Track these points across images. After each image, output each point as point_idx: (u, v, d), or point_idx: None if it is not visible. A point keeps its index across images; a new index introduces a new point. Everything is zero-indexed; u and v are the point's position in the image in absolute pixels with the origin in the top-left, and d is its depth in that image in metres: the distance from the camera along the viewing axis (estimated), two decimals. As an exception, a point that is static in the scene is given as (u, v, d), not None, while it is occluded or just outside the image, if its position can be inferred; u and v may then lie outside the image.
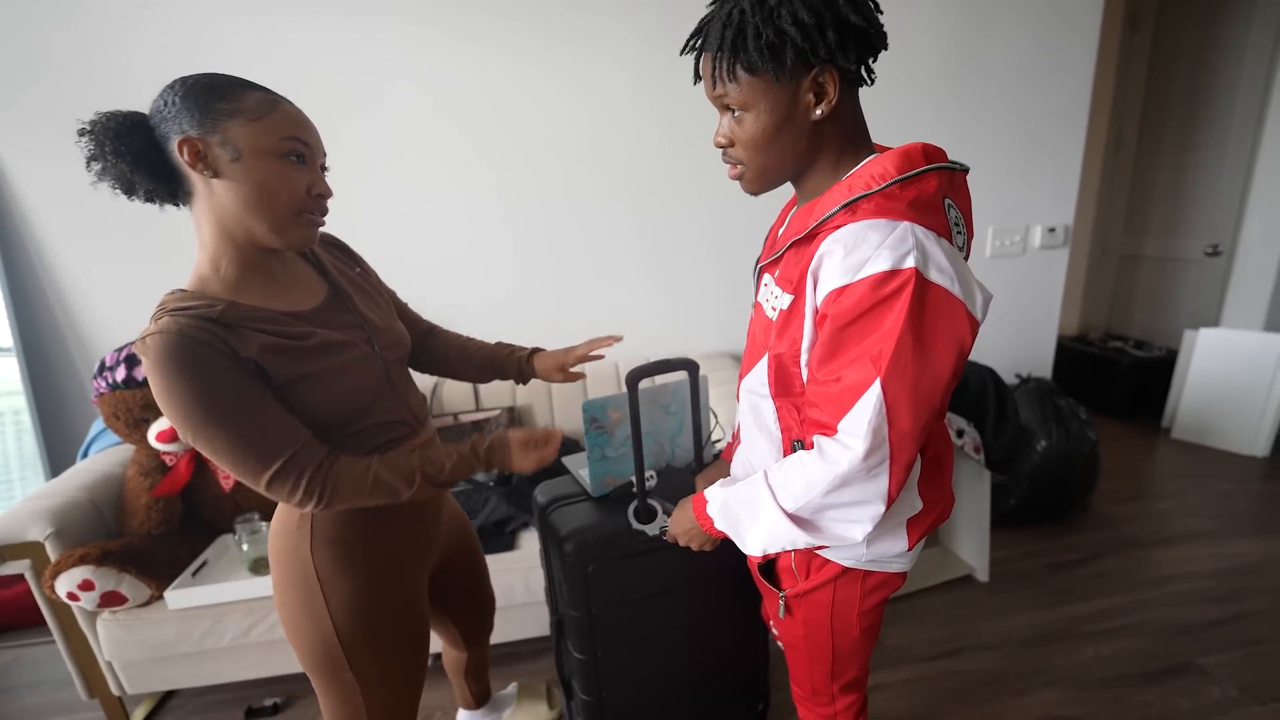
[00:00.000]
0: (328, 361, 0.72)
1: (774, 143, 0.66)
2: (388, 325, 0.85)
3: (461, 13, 1.74)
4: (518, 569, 1.43)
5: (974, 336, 0.61)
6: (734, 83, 0.64)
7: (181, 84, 0.67)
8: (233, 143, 0.66)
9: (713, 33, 0.64)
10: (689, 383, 1.01)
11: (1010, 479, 1.96)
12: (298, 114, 0.71)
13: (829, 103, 0.63)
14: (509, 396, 1.92)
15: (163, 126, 0.67)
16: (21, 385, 1.78)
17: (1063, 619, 1.63)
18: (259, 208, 0.69)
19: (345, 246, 0.93)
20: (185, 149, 0.66)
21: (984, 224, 2.21)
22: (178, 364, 0.62)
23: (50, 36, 1.61)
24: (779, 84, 0.62)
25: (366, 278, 0.90)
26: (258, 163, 0.67)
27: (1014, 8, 2.03)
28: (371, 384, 0.78)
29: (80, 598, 1.27)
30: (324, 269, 0.83)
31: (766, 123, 0.65)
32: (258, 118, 0.67)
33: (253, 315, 0.69)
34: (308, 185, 0.71)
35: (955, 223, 0.66)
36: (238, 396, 0.65)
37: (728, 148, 0.70)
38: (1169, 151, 3.03)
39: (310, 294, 0.79)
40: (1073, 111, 2.16)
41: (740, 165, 0.70)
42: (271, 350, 0.68)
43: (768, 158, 0.67)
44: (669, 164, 1.95)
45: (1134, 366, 2.89)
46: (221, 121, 0.66)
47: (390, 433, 0.81)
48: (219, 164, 0.67)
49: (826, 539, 0.67)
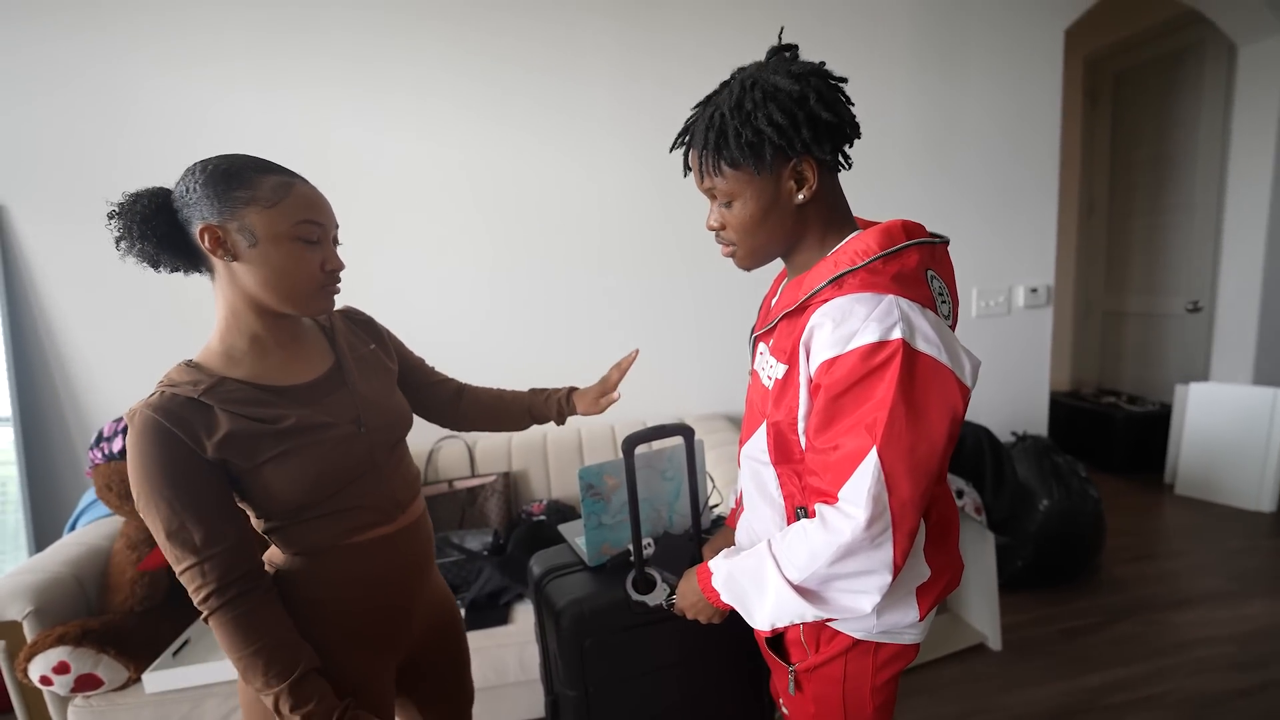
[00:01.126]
0: (298, 443, 0.73)
1: (761, 227, 0.71)
2: (385, 403, 0.85)
3: (465, 90, 1.87)
4: (511, 644, 1.38)
5: (965, 402, 0.63)
6: (720, 176, 0.69)
7: (202, 170, 0.70)
8: (250, 229, 0.69)
9: (697, 132, 0.70)
10: (685, 448, 1.01)
11: (1015, 540, 1.93)
12: (312, 194, 0.74)
13: (810, 188, 0.68)
14: (504, 462, 1.91)
15: (185, 211, 0.70)
16: (15, 455, 1.77)
17: (1083, 690, 1.56)
18: (277, 289, 0.72)
19: (369, 323, 0.95)
20: (206, 236, 0.69)
21: (968, 286, 2.28)
22: (143, 440, 0.66)
23: (66, 112, 1.71)
24: (760, 176, 0.68)
25: (378, 355, 0.90)
26: (274, 248, 0.70)
27: (984, 86, 2.19)
28: (351, 465, 0.77)
29: (54, 681, 1.21)
30: (335, 341, 0.85)
31: (753, 209, 0.70)
32: (273, 204, 0.70)
33: (236, 394, 0.71)
34: (321, 263, 0.74)
35: (939, 293, 0.69)
36: (186, 484, 0.67)
37: (720, 230, 0.74)
38: (1141, 213, 3.17)
39: (313, 366, 0.80)
40: (1044, 178, 2.29)
41: (732, 246, 0.74)
42: (238, 436, 0.69)
43: (756, 240, 0.72)
44: (662, 231, 2.04)
45: (1129, 421, 2.90)
46: (239, 209, 0.69)
47: (355, 519, 0.79)
48: (237, 249, 0.70)
49: (834, 611, 0.66)
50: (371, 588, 0.81)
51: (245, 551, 0.71)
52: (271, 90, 1.78)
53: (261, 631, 0.70)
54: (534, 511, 1.79)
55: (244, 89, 1.77)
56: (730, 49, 0.83)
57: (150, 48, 1.72)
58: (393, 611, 0.85)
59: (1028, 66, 2.21)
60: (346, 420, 0.78)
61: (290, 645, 0.72)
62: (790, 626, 0.78)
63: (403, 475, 0.87)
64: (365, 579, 0.81)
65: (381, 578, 0.82)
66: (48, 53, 1.68)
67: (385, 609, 0.84)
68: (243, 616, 0.69)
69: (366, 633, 0.82)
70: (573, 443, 1.95)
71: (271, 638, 0.70)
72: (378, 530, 0.81)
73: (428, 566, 0.92)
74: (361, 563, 0.80)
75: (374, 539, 0.81)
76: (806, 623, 0.75)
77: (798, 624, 0.75)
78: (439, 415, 1.05)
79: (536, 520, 1.73)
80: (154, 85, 1.73)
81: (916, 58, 2.13)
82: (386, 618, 0.85)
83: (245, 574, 0.70)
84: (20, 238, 1.74)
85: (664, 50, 1.96)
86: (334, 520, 0.77)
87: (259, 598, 0.71)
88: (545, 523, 1.70)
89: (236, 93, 1.77)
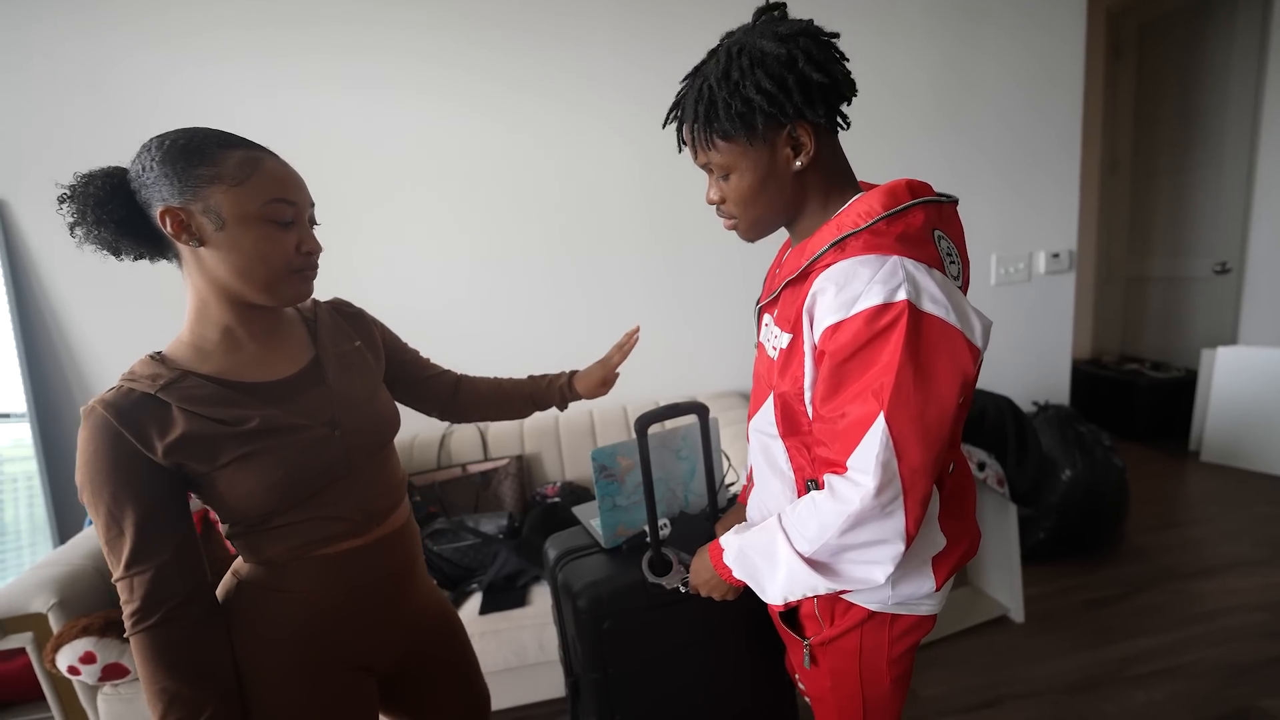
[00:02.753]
0: (263, 445, 0.67)
1: (760, 197, 0.69)
2: (365, 406, 0.78)
3: (463, 66, 1.82)
4: (530, 626, 1.38)
5: (976, 364, 0.61)
6: (713, 149, 0.68)
7: (159, 145, 0.63)
8: (215, 211, 0.63)
9: (687, 106, 0.68)
10: (699, 426, 0.99)
11: (1037, 511, 1.89)
12: (282, 170, 0.68)
13: (807, 153, 0.66)
14: (517, 445, 1.90)
15: (143, 192, 0.64)
16: (34, 450, 1.79)
17: (1108, 661, 1.54)
18: (248, 274, 0.66)
19: (359, 316, 0.89)
20: (168, 219, 0.63)
21: (986, 252, 2.21)
22: (91, 438, 0.62)
23: (69, 104, 1.69)
24: (755, 146, 0.66)
25: (363, 353, 0.84)
26: (243, 230, 0.64)
27: (1002, 41, 2.09)
28: (320, 471, 0.71)
29: (81, 671, 1.23)
30: (317, 335, 0.79)
31: (751, 180, 0.68)
32: (239, 182, 0.64)
33: (198, 391, 0.66)
34: (296, 244, 0.68)
35: (947, 253, 0.66)
36: (128, 490, 0.62)
37: (720, 204, 0.73)
38: (1166, 173, 3.06)
39: (291, 361, 0.75)
40: (1066, 138, 2.20)
41: (734, 219, 0.73)
42: (194, 438, 0.64)
43: (756, 210, 0.70)
44: (668, 205, 1.98)
45: (1153, 388, 2.84)
46: (202, 188, 0.63)
47: (324, 530, 0.72)
48: (204, 233, 0.64)
49: (847, 583, 0.65)
50: (340, 602, 0.75)
51: (181, 572, 0.64)
52: (271, 75, 1.74)
53: (175, 670, 0.63)
54: (548, 494, 1.78)
55: (243, 76, 1.73)
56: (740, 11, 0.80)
57: (147, 37, 1.68)
58: (366, 626, 0.78)
59: (1048, 19, 2.10)
60: (319, 422, 0.72)
61: (201, 695, 0.64)
62: (804, 600, 0.77)
63: (383, 483, 0.79)
64: (334, 593, 0.74)
65: (352, 591, 0.76)
66: (45, 46, 1.65)
67: (357, 624, 0.77)
68: (161, 647, 0.63)
69: (336, 649, 0.75)
70: (585, 424, 1.93)
71: (183, 680, 0.63)
72: (349, 542, 0.75)
73: (409, 577, 0.84)
74: (329, 576, 0.73)
75: (345, 551, 0.74)
76: (820, 596, 0.74)
77: (811, 597, 0.74)
78: (438, 409, 1.01)
79: (551, 502, 1.73)
80: (152, 75, 1.70)
81: (929, 10, 2.03)
82: (358, 633, 0.78)
83: (177, 597, 0.63)
84: (23, 233, 1.74)
85: (668, 15, 1.88)
86: (301, 530, 0.71)
87: (186, 628, 0.64)
88: (560, 505, 1.70)
89: (234, 77, 1.73)
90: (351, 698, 0.77)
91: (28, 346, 1.78)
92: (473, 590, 1.49)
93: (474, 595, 1.48)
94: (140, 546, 0.62)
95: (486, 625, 1.37)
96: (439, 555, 1.53)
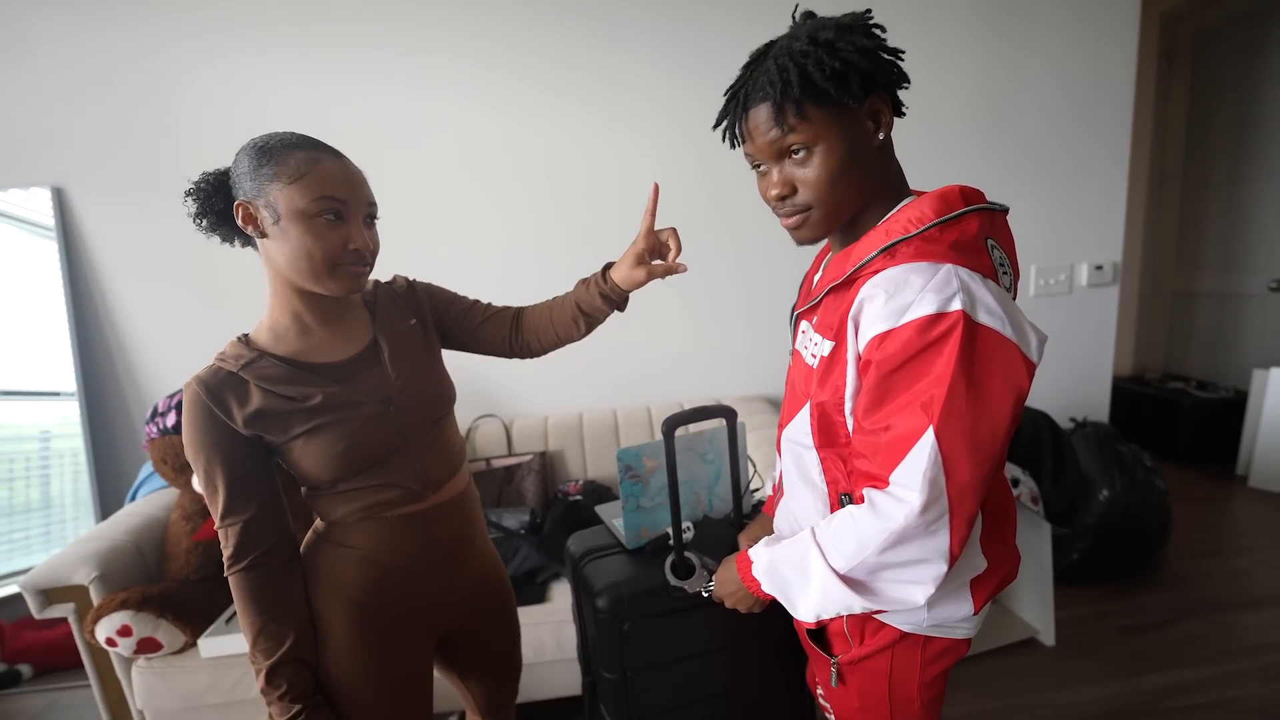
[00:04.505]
0: (325, 420, 0.75)
1: (848, 173, 0.63)
2: (420, 382, 0.84)
3: (500, 60, 1.84)
4: (548, 623, 1.38)
5: (1031, 379, 0.58)
6: (802, 120, 0.61)
7: (245, 148, 0.73)
8: (274, 205, 0.70)
9: (761, 84, 0.62)
10: (726, 430, 0.98)
11: (1072, 531, 1.83)
12: (338, 170, 0.73)
13: (887, 125, 0.64)
14: (541, 442, 1.91)
15: (233, 189, 0.74)
16: (80, 427, 1.87)
17: (1143, 692, 1.48)
18: (297, 265, 0.72)
19: (409, 292, 0.92)
20: (240, 212, 0.72)
21: (1026, 263, 2.15)
22: (188, 409, 0.73)
23: (123, 96, 1.75)
24: (845, 114, 0.62)
25: (418, 331, 0.88)
26: (293, 224, 0.71)
27: (1049, 44, 2.02)
28: (378, 443, 0.78)
29: (118, 643, 1.28)
30: (376, 317, 0.85)
31: (841, 152, 0.62)
32: (295, 180, 0.70)
33: (271, 371, 0.75)
34: (344, 241, 0.73)
35: (1000, 263, 0.64)
36: (218, 454, 0.72)
37: (789, 195, 0.66)
38: (1219, 184, 2.93)
39: (353, 343, 0.82)
40: (1114, 146, 2.12)
41: (806, 210, 0.66)
42: (268, 413, 0.73)
43: (840, 191, 0.64)
44: (703, 208, 1.97)
45: (1198, 409, 2.72)
46: (265, 185, 0.70)
47: (383, 495, 0.80)
48: (264, 225, 0.72)
49: (884, 602, 0.62)
50: (401, 561, 0.83)
51: (267, 525, 0.75)
52: (316, 71, 1.79)
53: (263, 607, 0.74)
54: (570, 491, 1.79)
55: (291, 71, 1.78)
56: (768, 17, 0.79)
57: (200, 35, 1.74)
58: (424, 584, 0.86)
59: (1098, 22, 2.03)
60: (376, 399, 0.79)
61: (284, 628, 0.75)
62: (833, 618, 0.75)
63: (439, 453, 0.86)
64: (394, 553, 0.82)
65: (411, 552, 0.84)
66: (102, 41, 1.72)
67: (416, 581, 0.85)
68: (250, 588, 0.74)
69: (396, 603, 0.83)
70: (608, 424, 1.93)
71: (269, 616, 0.75)
72: (408, 507, 0.82)
73: (467, 543, 0.92)
74: (390, 537, 0.82)
75: (404, 515, 0.82)
76: (852, 614, 0.72)
77: (843, 615, 0.71)
78: (504, 347, 0.98)
79: (573, 500, 1.73)
80: (206, 70, 1.76)
81: (976, 10, 1.97)
82: (416, 589, 0.85)
83: (262, 547, 0.74)
84: (80, 219, 1.81)
85: (706, 19, 1.87)
86: (363, 495, 0.79)
87: (270, 573, 0.75)
88: (582, 503, 1.70)
89: (283, 73, 1.78)
90: (407, 647, 0.86)
91: (79, 328, 1.86)
92: (493, 584, 1.50)
93: (494, 589, 1.49)
94: (230, 503, 0.73)
95: (506, 619, 1.38)
96: (461, 548, 1.55)
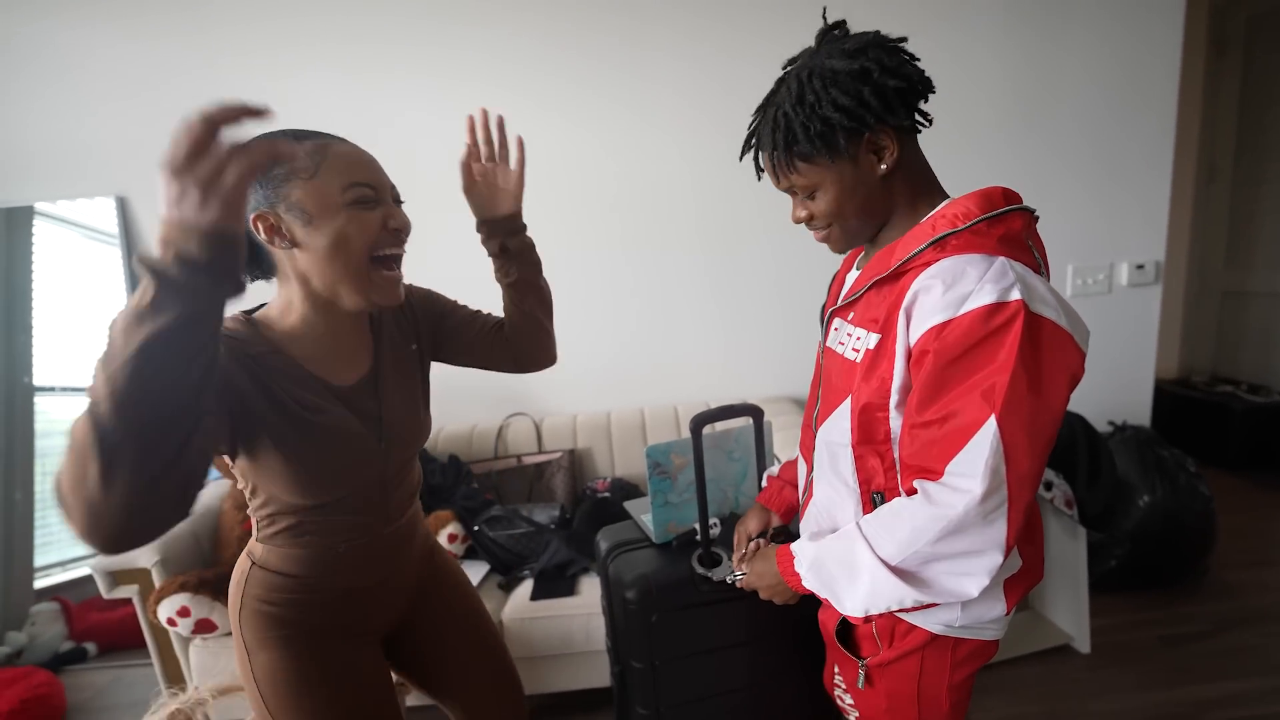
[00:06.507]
0: (321, 441, 0.69)
1: (850, 206, 0.69)
2: (409, 419, 0.81)
3: (531, 73, 1.89)
4: (578, 615, 1.42)
5: (1083, 370, 0.60)
6: (795, 173, 0.68)
7: None
8: (299, 206, 0.64)
9: (764, 135, 0.70)
10: (753, 429, 1.00)
11: (1109, 537, 1.78)
12: (351, 152, 0.68)
13: (891, 155, 0.66)
14: (570, 440, 1.95)
15: None
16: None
17: (1182, 703, 1.44)
18: (338, 261, 0.66)
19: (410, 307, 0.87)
20: (260, 225, 0.64)
21: (1062, 262, 2.09)
22: None
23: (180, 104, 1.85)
24: (837, 162, 0.66)
25: (416, 359, 0.85)
26: (329, 219, 0.65)
27: (1089, 33, 1.97)
28: (367, 478, 0.75)
29: (178, 623, 1.36)
30: (380, 339, 0.81)
31: (837, 193, 0.68)
32: (314, 172, 0.64)
33: (286, 370, 0.68)
34: (382, 221, 0.68)
35: (1038, 263, 0.66)
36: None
37: (809, 221, 0.73)
38: (1273, 179, 2.80)
39: (353, 370, 0.76)
40: (1157, 140, 2.04)
41: (825, 230, 0.73)
42: (277, 413, 0.66)
43: (847, 220, 0.70)
44: (729, 208, 1.99)
45: (1249, 413, 2.60)
46: (281, 187, 0.64)
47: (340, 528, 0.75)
48: (294, 232, 0.65)
49: (937, 594, 0.62)
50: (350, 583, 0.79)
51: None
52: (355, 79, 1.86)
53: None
54: (599, 488, 1.83)
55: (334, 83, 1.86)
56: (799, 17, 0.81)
57: (250, 51, 1.83)
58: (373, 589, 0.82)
59: (1142, 10, 1.97)
60: (374, 435, 0.75)
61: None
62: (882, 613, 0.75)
63: (407, 486, 0.83)
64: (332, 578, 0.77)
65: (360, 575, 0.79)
66: (155, 49, 1.82)
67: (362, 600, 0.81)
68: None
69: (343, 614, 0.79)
70: (636, 422, 1.96)
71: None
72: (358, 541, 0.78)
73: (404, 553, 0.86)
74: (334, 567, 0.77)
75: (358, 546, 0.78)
76: (879, 616, 0.72)
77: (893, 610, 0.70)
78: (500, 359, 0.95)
79: (601, 497, 1.77)
80: (253, 84, 1.85)
81: (1010, 2, 1.93)
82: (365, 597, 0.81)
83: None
84: (142, 227, 1.93)
85: (731, 18, 1.89)
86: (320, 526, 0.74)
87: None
88: (610, 499, 1.74)
89: (325, 85, 1.86)
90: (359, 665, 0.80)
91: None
92: (524, 576, 1.55)
93: (526, 581, 1.54)
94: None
95: (538, 610, 1.43)
96: (494, 541, 1.60)
